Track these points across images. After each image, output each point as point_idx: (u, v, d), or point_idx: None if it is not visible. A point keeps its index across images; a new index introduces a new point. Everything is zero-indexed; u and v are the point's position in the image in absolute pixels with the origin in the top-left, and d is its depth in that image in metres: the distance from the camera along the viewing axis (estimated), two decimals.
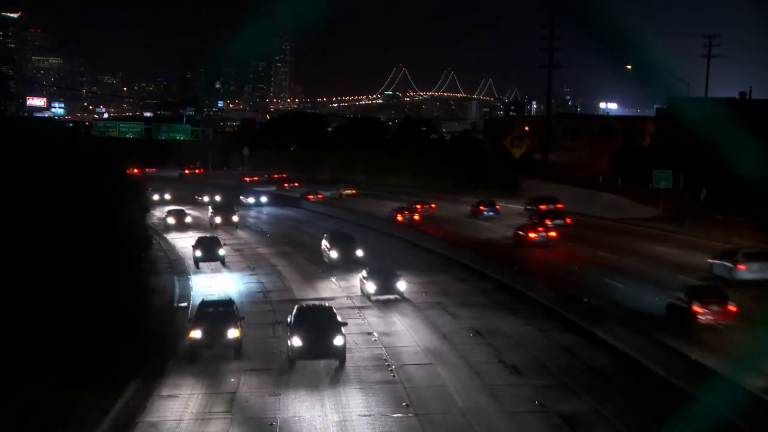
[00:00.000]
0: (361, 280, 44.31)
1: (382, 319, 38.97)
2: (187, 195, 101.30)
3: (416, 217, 75.49)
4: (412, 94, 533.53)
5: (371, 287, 42.52)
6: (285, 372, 30.36)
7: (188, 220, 74.91)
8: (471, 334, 35.91)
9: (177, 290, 46.13)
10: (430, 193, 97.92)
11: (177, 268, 53.85)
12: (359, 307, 41.33)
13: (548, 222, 63.03)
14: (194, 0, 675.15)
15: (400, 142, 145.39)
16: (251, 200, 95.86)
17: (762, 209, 54.73)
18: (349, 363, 31.04)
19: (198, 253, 53.77)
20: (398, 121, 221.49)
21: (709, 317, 35.15)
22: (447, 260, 54.98)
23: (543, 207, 73.67)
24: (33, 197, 29.77)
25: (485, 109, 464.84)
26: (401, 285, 42.91)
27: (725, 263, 45.13)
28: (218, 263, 54.00)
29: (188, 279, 49.79)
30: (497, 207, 78.03)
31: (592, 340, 33.74)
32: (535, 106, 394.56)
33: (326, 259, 53.53)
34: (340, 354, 30.66)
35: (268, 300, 44.23)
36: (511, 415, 25.86)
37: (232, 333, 32.28)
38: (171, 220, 73.81)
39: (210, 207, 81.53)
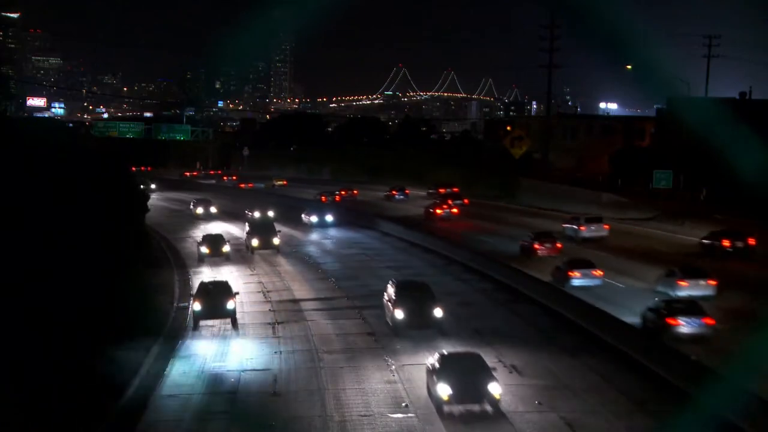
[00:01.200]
0: (428, 373, 27.93)
1: None
2: (238, 208, 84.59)
3: (337, 198, 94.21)
4: (412, 94, 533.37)
5: (443, 390, 25.87)
6: None
7: (226, 249, 57.20)
8: None
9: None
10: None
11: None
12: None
13: (450, 202, 79.15)
14: (194, 0, 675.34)
15: (400, 142, 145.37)
16: (314, 219, 77.00)
17: (762, 209, 54.73)
18: None
19: (197, 307, 38.29)
20: (398, 121, 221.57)
21: (544, 251, 53.03)
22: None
23: (442, 191, 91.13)
24: (29, 197, 29.67)
25: (485, 109, 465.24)
26: (494, 387, 25.88)
27: (572, 226, 60.51)
28: (227, 321, 38.50)
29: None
30: (407, 192, 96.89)
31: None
32: (535, 106, 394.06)
33: (389, 320, 37.26)
34: None
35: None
36: None
37: None
38: (204, 250, 56.89)
39: (246, 225, 64.42)
